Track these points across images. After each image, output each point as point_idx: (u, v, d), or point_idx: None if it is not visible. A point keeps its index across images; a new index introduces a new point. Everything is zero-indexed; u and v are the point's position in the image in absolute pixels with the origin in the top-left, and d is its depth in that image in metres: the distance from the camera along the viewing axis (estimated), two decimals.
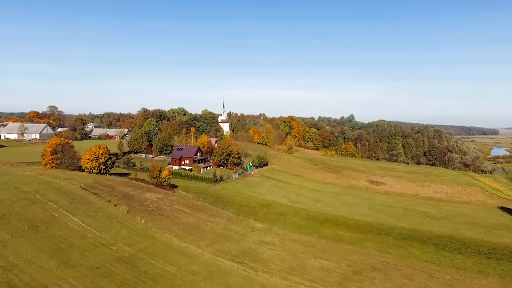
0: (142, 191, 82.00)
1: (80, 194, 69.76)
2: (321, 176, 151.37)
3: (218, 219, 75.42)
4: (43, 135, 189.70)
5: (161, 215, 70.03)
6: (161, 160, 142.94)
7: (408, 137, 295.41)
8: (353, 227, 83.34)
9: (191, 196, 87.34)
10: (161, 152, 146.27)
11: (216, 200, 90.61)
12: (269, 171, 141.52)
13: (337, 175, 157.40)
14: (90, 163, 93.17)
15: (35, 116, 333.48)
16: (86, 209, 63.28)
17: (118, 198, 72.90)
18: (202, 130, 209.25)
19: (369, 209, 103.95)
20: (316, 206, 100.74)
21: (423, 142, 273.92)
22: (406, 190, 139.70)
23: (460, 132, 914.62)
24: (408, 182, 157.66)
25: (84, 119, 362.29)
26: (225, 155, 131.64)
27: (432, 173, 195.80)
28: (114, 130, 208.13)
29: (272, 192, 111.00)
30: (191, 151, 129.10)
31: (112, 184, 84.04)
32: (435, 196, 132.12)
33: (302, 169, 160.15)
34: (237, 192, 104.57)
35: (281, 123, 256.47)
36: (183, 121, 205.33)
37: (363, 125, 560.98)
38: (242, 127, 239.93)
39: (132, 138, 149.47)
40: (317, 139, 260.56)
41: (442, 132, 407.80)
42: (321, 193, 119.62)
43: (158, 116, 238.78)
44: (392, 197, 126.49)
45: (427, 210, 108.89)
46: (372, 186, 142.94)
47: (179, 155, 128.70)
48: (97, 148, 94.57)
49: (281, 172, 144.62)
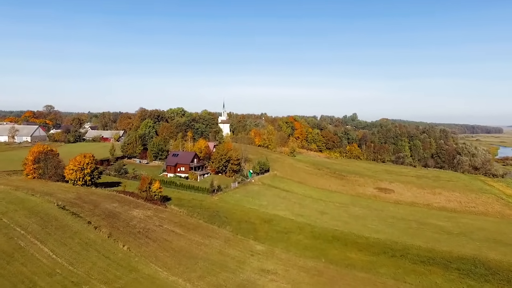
0: (129, 207, 73.63)
1: (55, 215, 61.34)
2: (326, 182, 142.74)
3: (214, 241, 66.97)
4: (34, 137, 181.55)
5: (148, 238, 61.61)
6: (156, 166, 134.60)
7: (415, 138, 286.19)
8: (364, 247, 74.85)
9: (185, 212, 78.89)
10: (156, 157, 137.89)
11: (212, 215, 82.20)
12: (271, 178, 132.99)
13: (342, 181, 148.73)
14: (74, 174, 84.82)
15: (31, 116, 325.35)
16: (60, 234, 54.90)
17: (100, 218, 64.51)
18: (201, 132, 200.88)
19: (379, 222, 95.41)
20: (322, 220, 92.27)
21: (430, 143, 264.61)
22: (417, 198, 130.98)
23: (464, 130, 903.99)
24: (418, 188, 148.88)
25: (82, 119, 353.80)
26: (223, 162, 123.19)
27: (441, 178, 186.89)
28: (109, 132, 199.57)
29: (274, 203, 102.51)
30: (187, 158, 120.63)
31: (97, 199, 75.70)
32: (448, 205, 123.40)
33: (305, 174, 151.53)
34: (236, 205, 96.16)
35: (283, 124, 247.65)
36: (181, 122, 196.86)
37: (366, 124, 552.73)
38: (243, 128, 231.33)
39: (126, 142, 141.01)
40: (321, 140, 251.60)
41: (448, 132, 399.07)
42: (327, 204, 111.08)
43: (156, 117, 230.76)
44: (403, 207, 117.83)
45: (442, 223, 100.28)
46: (380, 194, 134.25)
47: (174, 161, 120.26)
48: (82, 157, 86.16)
49: (284, 179, 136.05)
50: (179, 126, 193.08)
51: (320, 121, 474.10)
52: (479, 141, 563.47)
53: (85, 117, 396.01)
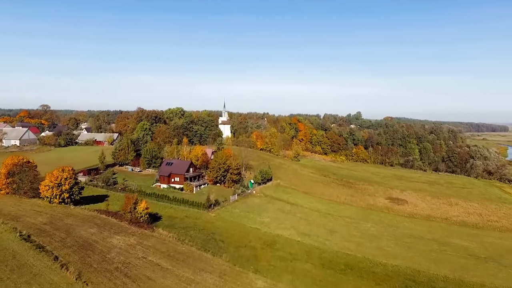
0: (109, 234, 63.30)
1: (15, 250, 51.10)
2: (334, 192, 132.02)
3: (207, 276, 56.49)
4: (23, 141, 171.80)
5: (127, 277, 51.22)
6: (150, 174, 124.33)
7: (423, 140, 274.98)
8: (382, 279, 64.26)
9: (174, 236, 68.41)
10: (150, 165, 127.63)
11: (207, 239, 71.78)
12: (274, 188, 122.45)
13: (351, 190, 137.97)
14: (50, 191, 74.62)
15: (26, 116, 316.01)
16: (14, 279, 44.59)
17: (71, 251, 54.24)
18: (199, 135, 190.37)
19: (396, 243, 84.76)
20: (331, 241, 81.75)
21: (440, 145, 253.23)
22: (433, 211, 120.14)
23: (469, 129, 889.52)
24: (432, 198, 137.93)
25: (78, 119, 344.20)
26: (222, 171, 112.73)
27: (455, 184, 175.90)
28: (102, 135, 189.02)
29: (278, 220, 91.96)
30: (182, 167, 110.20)
31: (72, 223, 65.44)
32: (468, 220, 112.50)
33: (311, 183, 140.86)
34: (235, 223, 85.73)
35: (286, 125, 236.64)
36: (179, 125, 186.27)
37: (371, 123, 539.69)
38: (244, 130, 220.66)
39: (117, 148, 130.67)
40: (326, 142, 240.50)
41: (457, 132, 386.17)
42: (336, 219, 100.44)
43: (153, 118, 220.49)
44: (419, 222, 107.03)
45: (466, 244, 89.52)
46: (393, 205, 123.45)
47: (168, 171, 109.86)
48: (59, 172, 75.90)
49: (288, 188, 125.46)
50: (176, 128, 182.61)
51: (324, 120, 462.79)
52: (486, 140, 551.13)
53: (83, 117, 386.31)
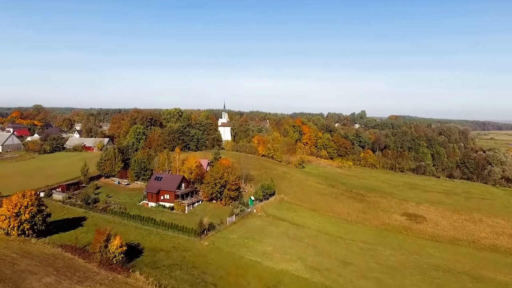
0: (70, 284, 50.09)
1: None
2: (344, 207, 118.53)
3: None
4: (6, 146, 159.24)
5: None
6: (138, 188, 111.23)
7: (433, 142, 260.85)
8: None
9: (155, 282, 55.23)
10: (139, 177, 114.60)
11: (195, 283, 58.53)
12: (277, 204, 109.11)
13: (362, 205, 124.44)
14: (6, 222, 61.61)
15: (18, 117, 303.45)
16: None
17: None
18: (196, 140, 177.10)
19: (422, 280, 71.21)
20: (346, 277, 68.32)
21: (453, 149, 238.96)
22: (457, 230, 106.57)
23: (475, 127, 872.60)
24: (452, 213, 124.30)
25: (73, 120, 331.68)
26: (218, 187, 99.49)
27: (473, 193, 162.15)
28: (92, 140, 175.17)
29: (282, 249, 78.58)
30: (173, 182, 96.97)
31: (25, 268, 52.35)
32: (499, 243, 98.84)
33: (318, 196, 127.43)
34: (231, 255, 72.42)
35: (289, 128, 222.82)
36: (174, 129, 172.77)
37: (377, 123, 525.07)
38: (245, 134, 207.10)
39: (103, 158, 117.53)
40: (332, 146, 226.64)
41: (468, 133, 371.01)
42: (349, 245, 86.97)
43: (148, 120, 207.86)
44: (443, 247, 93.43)
45: (504, 278, 76.05)
46: (411, 224, 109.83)
47: (157, 187, 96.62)
48: (19, 198, 62.83)
49: (293, 205, 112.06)
50: (171, 133, 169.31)
51: (329, 121, 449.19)
52: (494, 140, 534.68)
53: (81, 116, 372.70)
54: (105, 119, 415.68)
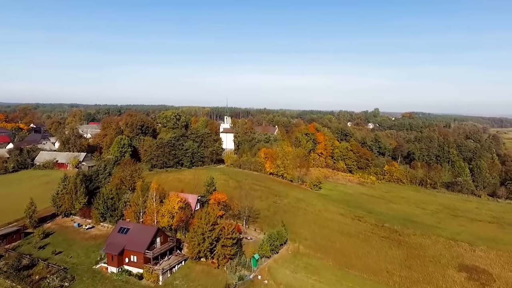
0: None
1: None
2: (380, 259, 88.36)
3: None
4: None
5: None
6: (104, 233, 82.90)
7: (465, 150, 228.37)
8: None
9: None
10: (105, 218, 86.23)
11: None
12: (291, 260, 79.59)
13: (402, 252, 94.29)
14: None
15: (1, 120, 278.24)
16: None
17: None
18: (191, 155, 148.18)
19: None
20: None
21: (492, 161, 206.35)
22: None
23: (492, 124, 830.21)
24: None
25: (64, 122, 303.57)
26: (208, 242, 70.48)
27: None
28: (65, 155, 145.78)
29: None
30: (144, 238, 68.21)
31: None
32: None
33: (343, 238, 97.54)
34: None
35: (302, 136, 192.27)
36: (164, 142, 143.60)
37: (393, 123, 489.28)
38: (250, 144, 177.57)
39: (60, 192, 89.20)
40: (351, 157, 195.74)
41: (500, 137, 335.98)
42: None
43: (139, 128, 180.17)
44: None
45: None
46: None
47: (120, 245, 67.96)
48: None
49: (312, 258, 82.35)
50: (160, 147, 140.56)
51: (341, 121, 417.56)
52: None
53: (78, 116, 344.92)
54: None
